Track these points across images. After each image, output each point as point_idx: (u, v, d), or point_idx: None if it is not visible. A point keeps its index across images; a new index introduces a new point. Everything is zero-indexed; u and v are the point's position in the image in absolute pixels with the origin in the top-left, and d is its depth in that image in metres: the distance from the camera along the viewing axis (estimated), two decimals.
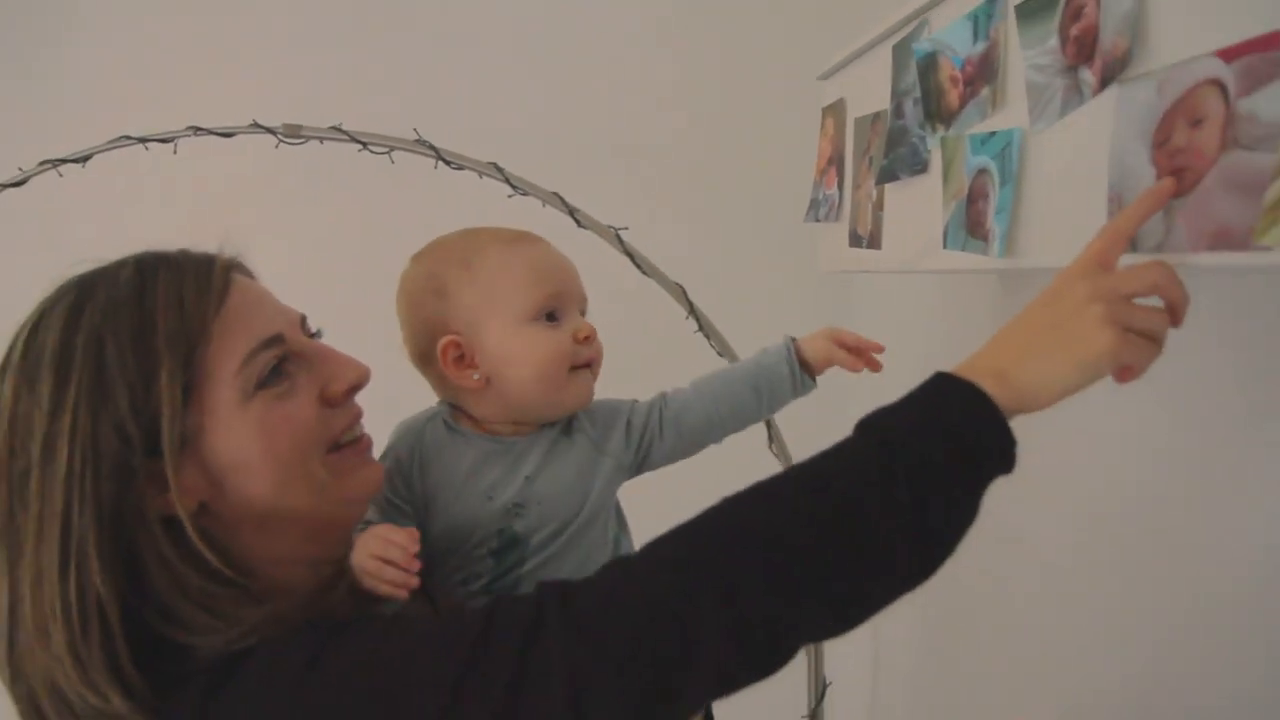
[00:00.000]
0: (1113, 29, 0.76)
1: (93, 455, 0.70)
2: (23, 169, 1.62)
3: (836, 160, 1.46)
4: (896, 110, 1.20)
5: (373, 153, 1.62)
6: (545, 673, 0.63)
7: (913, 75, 1.13)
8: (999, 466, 0.68)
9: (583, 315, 0.99)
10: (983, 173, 0.97)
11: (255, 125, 1.59)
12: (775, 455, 1.66)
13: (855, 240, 1.37)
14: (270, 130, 1.60)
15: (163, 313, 0.73)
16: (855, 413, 0.71)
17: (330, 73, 1.87)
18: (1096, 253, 0.71)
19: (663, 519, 0.70)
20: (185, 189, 1.73)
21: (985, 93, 0.97)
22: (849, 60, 1.39)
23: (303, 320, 0.84)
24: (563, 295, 0.96)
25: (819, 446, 0.70)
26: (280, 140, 1.60)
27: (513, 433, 0.95)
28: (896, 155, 1.18)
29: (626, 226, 1.61)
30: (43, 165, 1.59)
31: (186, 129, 1.59)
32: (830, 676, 1.75)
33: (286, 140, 1.61)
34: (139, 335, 0.72)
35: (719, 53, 1.96)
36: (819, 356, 1.02)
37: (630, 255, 1.61)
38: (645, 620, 0.64)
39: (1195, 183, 0.68)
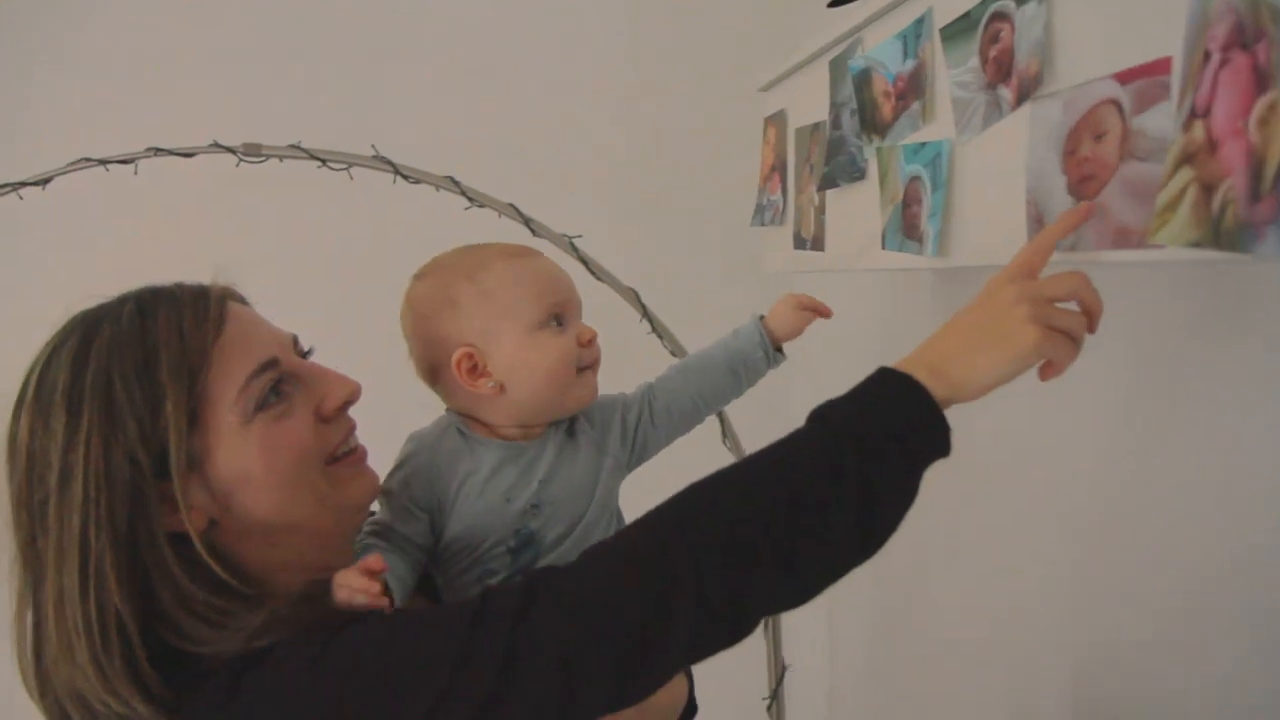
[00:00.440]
0: (1026, 52, 0.85)
1: (106, 483, 0.74)
2: None
3: (779, 167, 1.54)
4: (835, 121, 1.28)
5: (331, 169, 1.66)
6: (535, 648, 0.69)
7: (849, 89, 1.21)
8: (936, 451, 0.76)
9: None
10: (915, 179, 1.06)
11: (216, 145, 1.62)
12: (729, 449, 1.73)
13: (800, 243, 1.45)
14: (230, 150, 1.63)
15: (164, 346, 0.78)
16: (801, 407, 0.78)
17: (288, 92, 1.90)
18: (1023, 261, 0.79)
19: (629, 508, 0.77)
20: (147, 209, 1.76)
21: (916, 106, 1.06)
22: (788, 74, 1.47)
23: (294, 341, 0.89)
24: (566, 303, 1.01)
25: (768, 439, 0.78)
26: (241, 159, 1.63)
27: (523, 436, 1.00)
28: (836, 163, 1.27)
29: (580, 234, 1.67)
30: (3, 188, 1.60)
31: (147, 150, 1.62)
32: (789, 660, 1.82)
33: (247, 159, 1.64)
34: (144, 369, 0.77)
35: (665, 67, 2.03)
36: (787, 328, 1.12)
37: (584, 262, 1.66)
38: (622, 596, 0.71)
39: (1100, 189, 0.76)
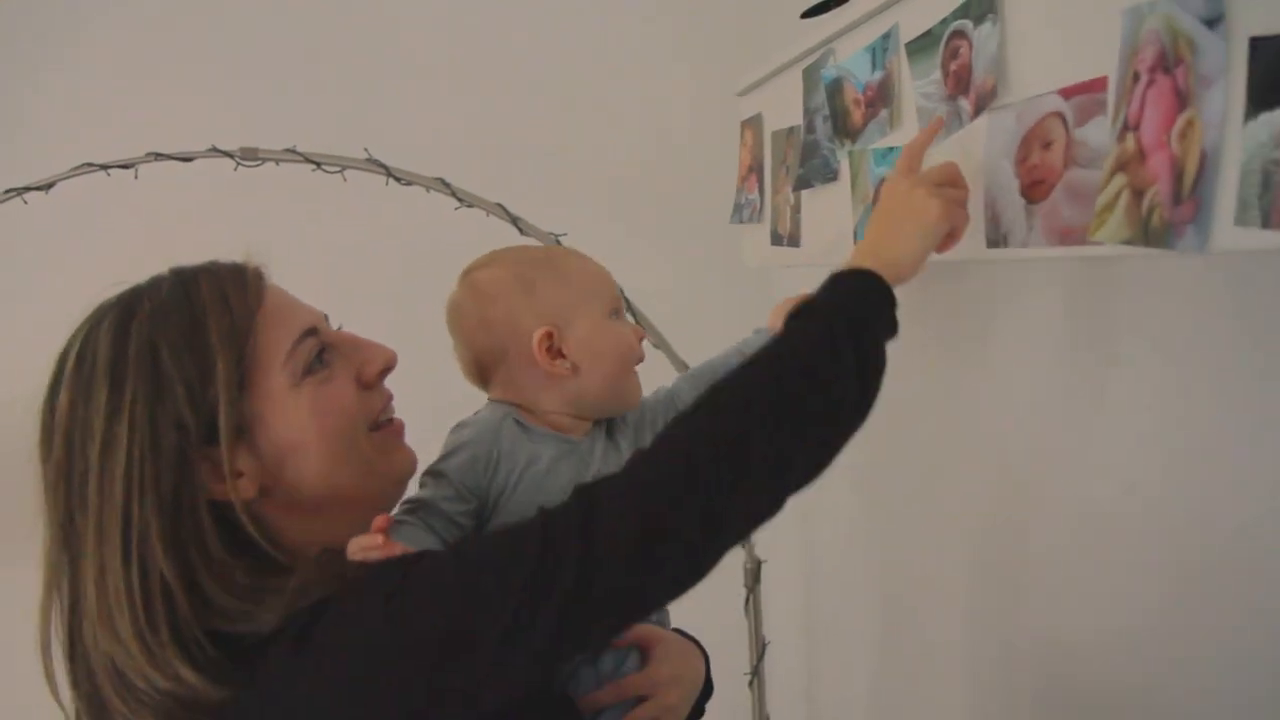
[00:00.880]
0: (982, 68, 0.94)
1: (151, 450, 0.74)
2: None
3: (756, 168, 1.62)
4: (808, 126, 1.36)
5: (326, 172, 1.71)
6: (610, 538, 0.70)
7: (821, 96, 1.30)
8: (892, 322, 0.86)
9: None
10: (884, 181, 1.14)
11: (214, 149, 1.67)
12: None
13: (776, 239, 1.54)
14: (228, 154, 1.68)
15: (211, 313, 0.78)
16: None
17: (284, 98, 1.95)
18: (904, 163, 0.97)
19: None
20: (147, 212, 1.81)
21: (884, 114, 1.15)
22: (764, 80, 1.55)
23: (325, 318, 0.91)
24: (620, 300, 1.08)
25: None
26: (238, 163, 1.68)
27: (575, 429, 1.04)
28: (810, 166, 1.35)
29: (565, 232, 1.73)
30: (8, 193, 1.65)
31: (147, 155, 1.66)
32: (769, 637, 1.89)
33: (244, 163, 1.69)
34: (192, 335, 0.77)
35: (649, 72, 2.10)
36: None
37: None
38: (683, 472, 0.72)
39: (1049, 192, 0.86)
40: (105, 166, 1.67)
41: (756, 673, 1.88)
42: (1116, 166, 0.76)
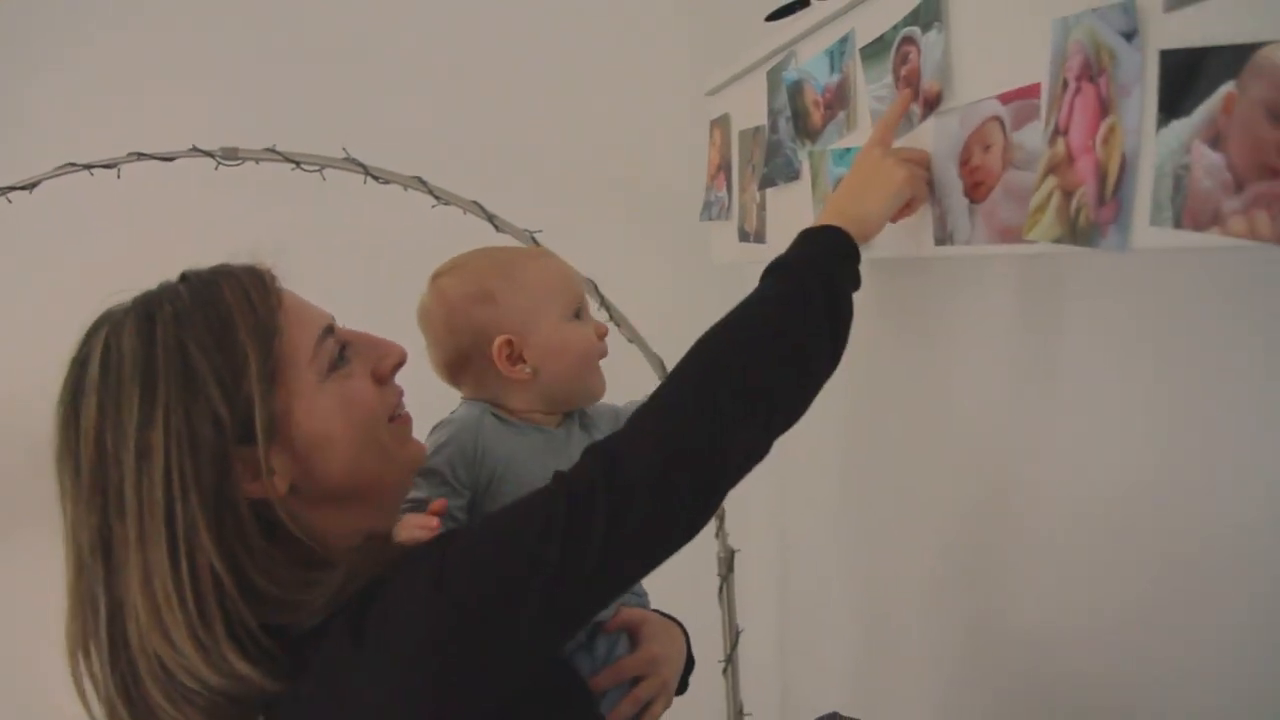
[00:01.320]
0: (930, 73, 0.99)
1: (190, 449, 0.74)
2: None
3: (725, 166, 1.67)
4: (772, 126, 1.41)
5: (305, 171, 1.74)
6: (631, 473, 0.76)
7: (784, 97, 1.34)
8: (855, 275, 0.94)
9: None
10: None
11: (195, 149, 1.70)
12: None
13: (744, 236, 1.58)
14: (209, 153, 1.71)
15: (237, 311, 0.78)
16: None
17: (264, 99, 1.98)
18: (878, 136, 1.03)
19: None
20: (130, 211, 1.84)
21: (841, 116, 1.19)
22: (731, 81, 1.59)
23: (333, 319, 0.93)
24: (583, 299, 1.11)
25: None
26: (219, 162, 1.72)
27: (549, 422, 1.09)
28: (774, 165, 1.40)
29: (541, 229, 1.77)
30: None
31: (129, 155, 1.69)
32: (742, 625, 1.93)
33: (224, 162, 1.72)
34: (221, 334, 0.77)
35: (621, 72, 2.14)
36: None
37: None
38: (692, 400, 0.81)
39: (989, 193, 0.90)
40: (88, 166, 1.69)
41: (730, 660, 1.91)
42: (1048, 169, 0.80)
